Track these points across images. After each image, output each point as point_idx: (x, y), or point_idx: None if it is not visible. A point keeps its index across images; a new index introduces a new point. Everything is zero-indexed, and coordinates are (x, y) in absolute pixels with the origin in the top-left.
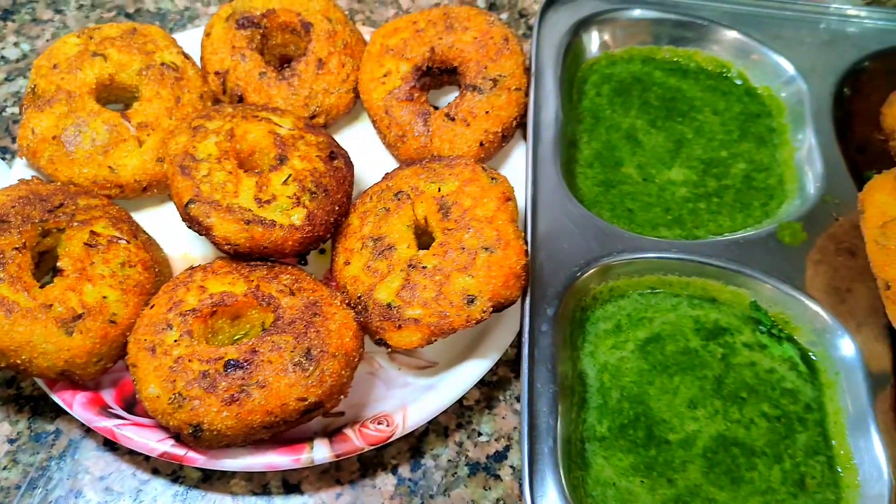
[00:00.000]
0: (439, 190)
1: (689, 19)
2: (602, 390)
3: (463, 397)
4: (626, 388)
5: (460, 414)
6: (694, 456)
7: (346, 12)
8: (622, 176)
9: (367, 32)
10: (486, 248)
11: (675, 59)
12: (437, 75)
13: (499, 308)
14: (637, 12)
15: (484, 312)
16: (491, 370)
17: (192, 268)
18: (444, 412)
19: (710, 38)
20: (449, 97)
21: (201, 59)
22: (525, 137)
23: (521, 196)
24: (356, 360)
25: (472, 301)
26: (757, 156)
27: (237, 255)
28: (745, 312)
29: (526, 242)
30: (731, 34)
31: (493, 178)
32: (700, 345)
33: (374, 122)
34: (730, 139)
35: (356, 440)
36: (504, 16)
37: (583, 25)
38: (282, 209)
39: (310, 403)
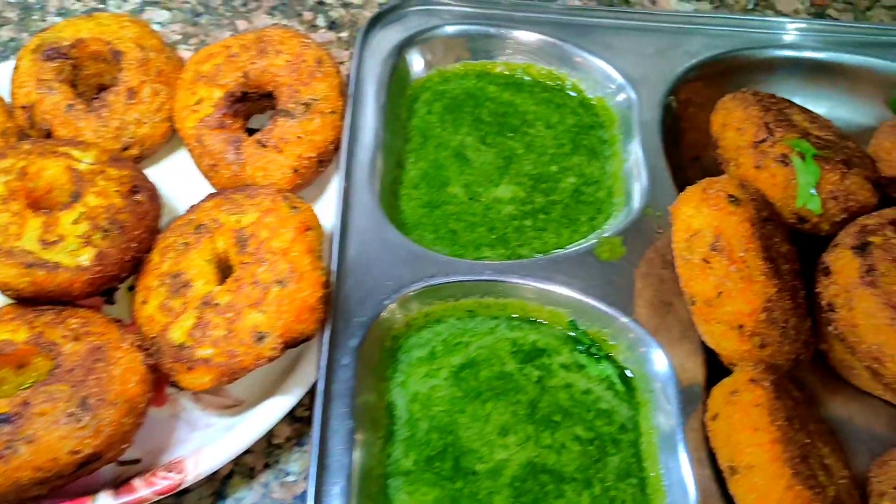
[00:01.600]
0: (239, 222)
1: (514, 34)
2: (410, 422)
3: (272, 434)
4: (436, 418)
5: (268, 453)
6: (501, 486)
7: (181, 36)
8: (447, 196)
9: None
10: (279, 282)
11: (510, 73)
12: (255, 100)
13: (293, 344)
14: (454, 29)
15: (274, 350)
16: (303, 405)
17: None
18: (250, 452)
19: (542, 51)
20: None
21: (11, 93)
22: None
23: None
24: (142, 405)
25: (262, 338)
26: (588, 169)
27: (24, 301)
28: (564, 332)
29: (330, 272)
30: (564, 47)
31: (294, 208)
32: (516, 368)
33: (188, 151)
34: (561, 153)
35: (143, 490)
36: (344, 34)
37: (406, 44)
38: (69, 250)
39: (85, 456)
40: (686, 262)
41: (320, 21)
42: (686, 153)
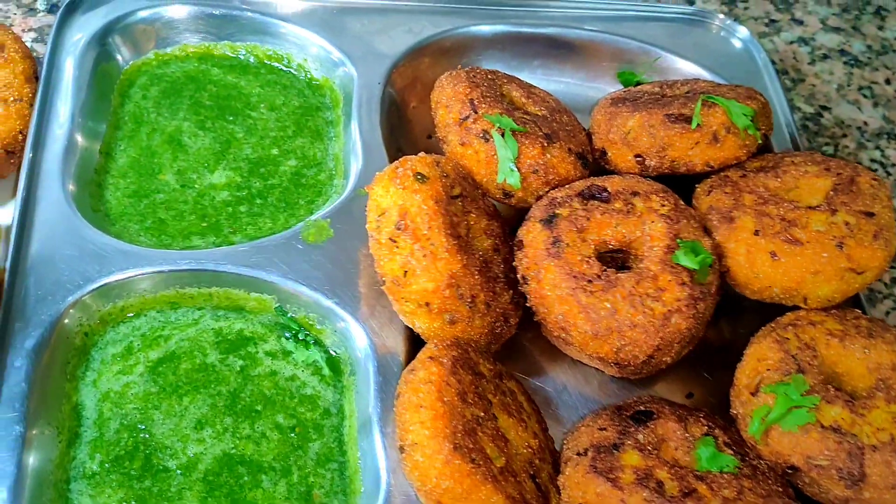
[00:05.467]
0: None
1: (237, 13)
2: (100, 422)
3: None
4: (128, 416)
5: None
6: (194, 481)
7: None
8: (158, 184)
9: None
10: None
11: (234, 55)
12: None
13: None
14: (172, 10)
15: None
16: None
17: None
18: None
19: (267, 31)
20: None
21: None
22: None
23: None
24: None
25: None
26: (310, 151)
27: None
28: (271, 319)
29: (6, 270)
30: (289, 27)
31: None
32: (219, 359)
33: None
34: (284, 136)
35: None
36: None
37: (112, 27)
38: None
39: None
40: (376, 242)
41: (40, 4)
42: (419, 132)
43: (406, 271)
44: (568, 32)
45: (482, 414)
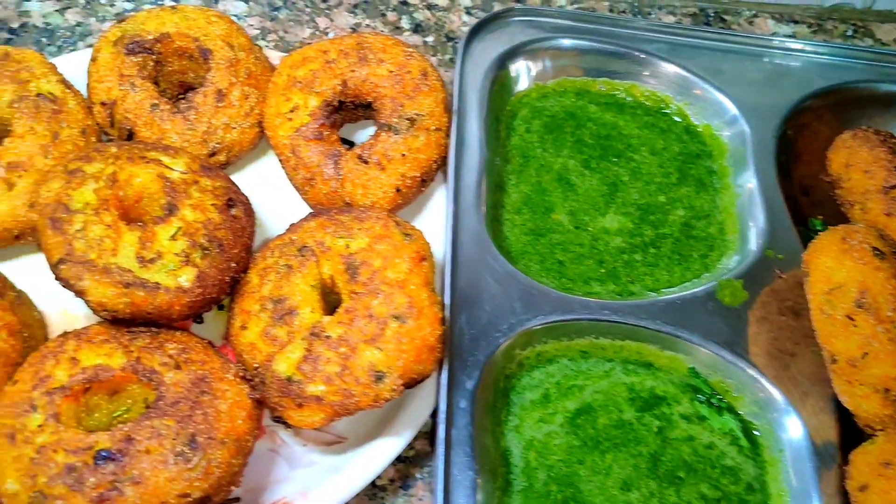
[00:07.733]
0: (347, 247)
1: (624, 51)
2: (528, 471)
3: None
4: (555, 468)
5: (372, 495)
6: None
7: (259, 31)
8: (552, 223)
9: (277, 58)
10: (397, 318)
11: (612, 93)
12: (350, 109)
13: (411, 384)
14: (568, 42)
15: (394, 391)
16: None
17: (65, 334)
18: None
19: (648, 71)
20: (368, 129)
21: (87, 87)
22: (445, 180)
23: (441, 247)
24: (249, 444)
25: (380, 378)
26: (696, 201)
27: (117, 321)
28: (683, 379)
29: (443, 306)
30: (670, 68)
31: (406, 235)
32: (635, 416)
33: (280, 161)
34: (668, 182)
35: None
36: (430, 38)
37: (510, 56)
38: (168, 269)
39: (194, 500)
40: (826, 317)
41: (405, 23)
42: (795, 187)
43: (866, 353)
44: None
45: None
